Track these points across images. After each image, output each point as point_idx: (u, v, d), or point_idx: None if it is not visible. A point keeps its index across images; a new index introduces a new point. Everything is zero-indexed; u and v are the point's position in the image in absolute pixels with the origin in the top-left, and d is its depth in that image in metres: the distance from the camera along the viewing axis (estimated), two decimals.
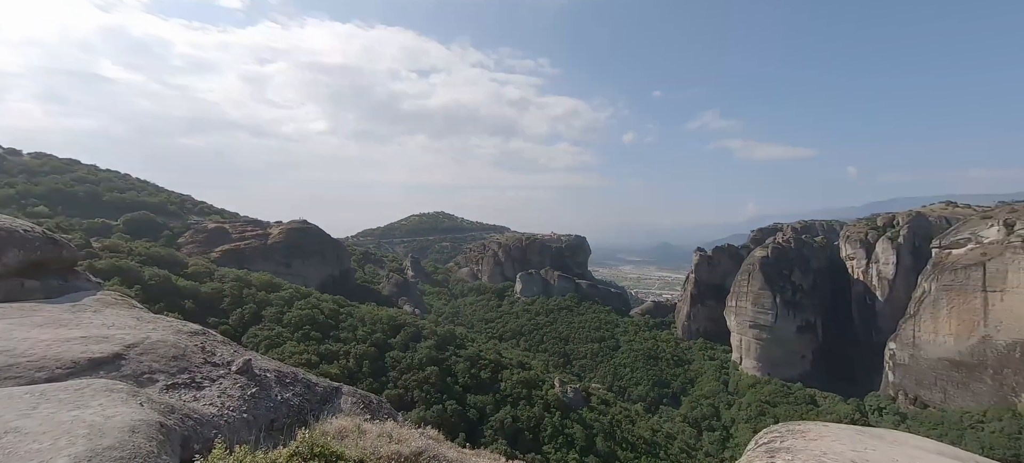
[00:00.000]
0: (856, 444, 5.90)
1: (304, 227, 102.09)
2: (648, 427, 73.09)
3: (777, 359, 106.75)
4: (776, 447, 6.07)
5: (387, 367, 54.52)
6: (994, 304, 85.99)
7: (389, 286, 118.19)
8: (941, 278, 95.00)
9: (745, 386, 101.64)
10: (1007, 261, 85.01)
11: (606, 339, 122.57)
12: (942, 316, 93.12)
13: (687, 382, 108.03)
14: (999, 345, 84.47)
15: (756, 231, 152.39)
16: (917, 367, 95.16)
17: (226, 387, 6.93)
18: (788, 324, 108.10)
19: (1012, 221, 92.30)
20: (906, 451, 5.93)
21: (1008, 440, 74.75)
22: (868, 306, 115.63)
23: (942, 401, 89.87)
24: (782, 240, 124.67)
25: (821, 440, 6.08)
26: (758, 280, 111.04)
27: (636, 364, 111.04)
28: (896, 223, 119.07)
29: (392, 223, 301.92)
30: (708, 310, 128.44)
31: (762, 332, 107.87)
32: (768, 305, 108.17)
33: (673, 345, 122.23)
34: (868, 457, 5.52)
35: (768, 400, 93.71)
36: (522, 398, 58.06)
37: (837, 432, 6.54)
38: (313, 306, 60.72)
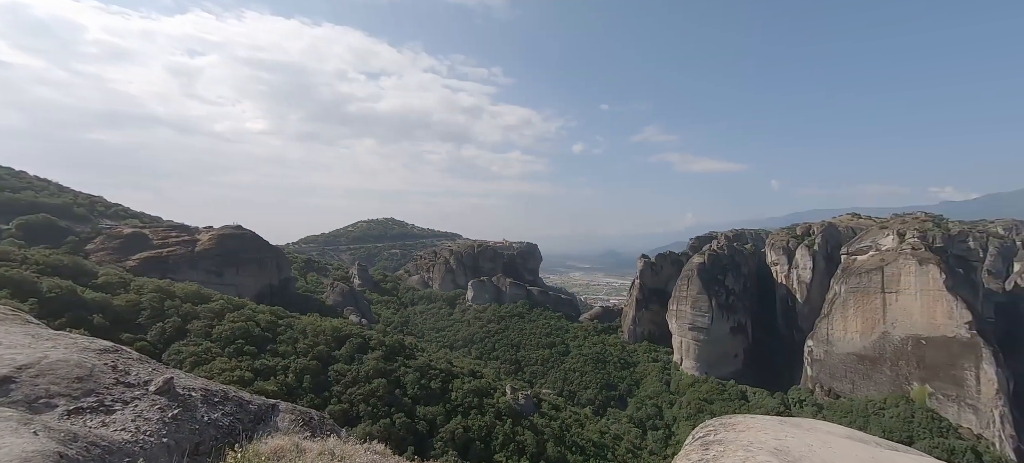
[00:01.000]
0: (778, 433, 6.49)
1: (238, 233, 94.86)
2: (597, 429, 75.04)
3: (713, 359, 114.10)
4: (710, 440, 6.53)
5: (331, 381, 51.72)
6: (891, 303, 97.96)
7: (334, 295, 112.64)
8: (848, 281, 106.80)
9: (685, 385, 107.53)
10: (900, 266, 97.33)
11: (557, 345, 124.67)
12: (850, 315, 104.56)
13: (633, 384, 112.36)
14: (895, 339, 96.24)
15: (694, 239, 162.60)
16: (830, 362, 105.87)
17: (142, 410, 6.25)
18: (722, 325, 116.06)
19: (903, 231, 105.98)
20: (819, 436, 6.62)
21: (903, 423, 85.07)
22: (790, 307, 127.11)
23: (851, 391, 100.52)
24: (717, 247, 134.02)
25: (749, 431, 6.63)
26: (696, 285, 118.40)
27: (585, 368, 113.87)
28: (812, 232, 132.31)
29: (338, 230, 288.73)
30: (652, 314, 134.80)
31: (700, 334, 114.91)
32: (705, 308, 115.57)
33: (620, 349, 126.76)
34: (788, 444, 6.10)
35: (705, 398, 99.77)
36: (473, 407, 57.43)
37: (762, 423, 7.15)
38: (248, 318, 56.37)
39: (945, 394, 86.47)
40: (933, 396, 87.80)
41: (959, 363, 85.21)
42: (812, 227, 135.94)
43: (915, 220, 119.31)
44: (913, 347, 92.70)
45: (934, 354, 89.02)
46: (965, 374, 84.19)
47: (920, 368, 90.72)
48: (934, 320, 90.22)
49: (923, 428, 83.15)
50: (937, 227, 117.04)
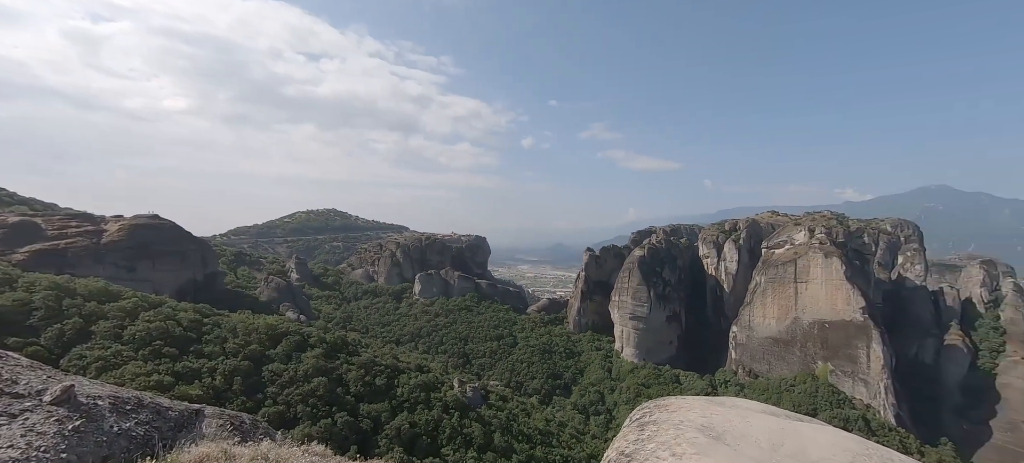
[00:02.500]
0: (705, 411, 7.11)
1: (154, 223, 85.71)
2: (543, 418, 77.07)
3: (651, 346, 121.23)
4: (645, 421, 6.99)
5: (265, 382, 48.51)
6: (801, 292, 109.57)
7: (268, 291, 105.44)
8: (767, 272, 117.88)
9: (625, 372, 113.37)
10: (809, 258, 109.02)
11: (504, 337, 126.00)
12: (768, 303, 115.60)
13: (577, 372, 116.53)
14: (804, 324, 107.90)
15: (635, 233, 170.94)
16: (751, 345, 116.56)
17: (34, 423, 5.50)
18: (659, 315, 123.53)
19: (813, 227, 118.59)
20: (739, 412, 7.34)
21: (809, 398, 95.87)
22: (718, 297, 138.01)
23: (768, 371, 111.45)
24: (655, 241, 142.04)
25: (679, 411, 7.19)
26: (636, 277, 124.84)
27: (532, 359, 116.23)
28: (738, 228, 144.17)
29: (273, 220, 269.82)
30: (596, 305, 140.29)
31: (639, 323, 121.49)
32: (644, 298, 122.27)
33: (565, 339, 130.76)
34: (712, 420, 6.70)
35: (643, 383, 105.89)
36: (420, 402, 56.61)
37: (691, 403, 7.78)
38: (167, 317, 51.22)
39: (843, 370, 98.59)
40: (833, 373, 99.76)
41: (854, 343, 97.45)
42: (738, 223, 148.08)
43: (822, 218, 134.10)
44: (818, 330, 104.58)
45: (835, 336, 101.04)
46: (858, 353, 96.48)
47: (824, 348, 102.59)
48: (836, 306, 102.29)
49: (825, 401, 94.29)
50: (840, 224, 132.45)
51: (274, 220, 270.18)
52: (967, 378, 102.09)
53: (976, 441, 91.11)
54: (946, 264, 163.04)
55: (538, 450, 60.40)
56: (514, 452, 56.34)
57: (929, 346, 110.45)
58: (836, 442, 6.40)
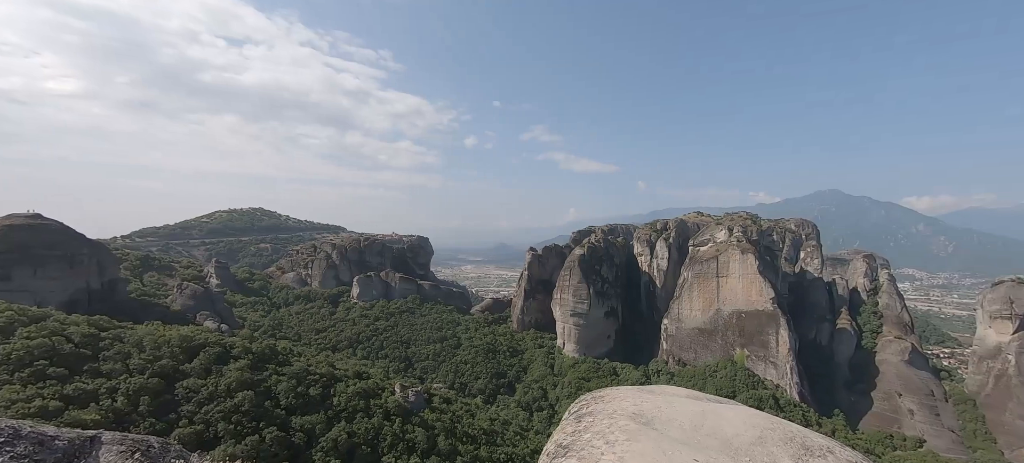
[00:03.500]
0: (636, 399, 7.60)
1: (34, 223, 73.94)
2: (487, 418, 77.20)
3: (590, 341, 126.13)
4: (582, 413, 7.32)
5: (180, 400, 43.73)
6: (722, 286, 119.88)
7: (182, 299, 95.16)
8: (693, 268, 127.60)
9: (567, 367, 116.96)
10: (729, 255, 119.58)
11: (448, 338, 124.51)
12: (695, 296, 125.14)
13: (521, 370, 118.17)
14: (725, 315, 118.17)
15: (575, 233, 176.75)
16: (680, 336, 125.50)
17: None
18: (598, 310, 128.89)
19: (732, 227, 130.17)
20: (666, 398, 7.94)
21: (729, 381, 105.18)
22: (651, 292, 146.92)
23: (694, 359, 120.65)
24: (594, 241, 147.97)
25: (613, 401, 7.63)
26: (577, 275, 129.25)
27: (476, 359, 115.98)
28: (668, 227, 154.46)
29: (189, 220, 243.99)
30: (538, 303, 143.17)
31: (580, 319, 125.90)
32: (584, 295, 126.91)
33: (509, 338, 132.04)
34: (643, 407, 7.20)
35: (584, 377, 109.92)
36: (359, 410, 54.19)
37: (624, 393, 8.28)
38: (54, 332, 44.39)
39: (757, 355, 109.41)
40: (749, 357, 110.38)
41: (766, 330, 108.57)
42: (668, 223, 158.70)
43: (740, 218, 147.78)
44: (736, 320, 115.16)
45: (750, 324, 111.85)
46: (769, 338, 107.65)
47: (741, 336, 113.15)
48: (751, 298, 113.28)
49: (742, 384, 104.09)
50: (754, 224, 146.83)
51: (189, 220, 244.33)
52: (854, 356, 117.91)
53: (861, 410, 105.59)
54: (837, 258, 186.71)
55: (483, 450, 60.39)
56: (458, 454, 55.87)
57: (824, 330, 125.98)
58: (747, 419, 7.16)
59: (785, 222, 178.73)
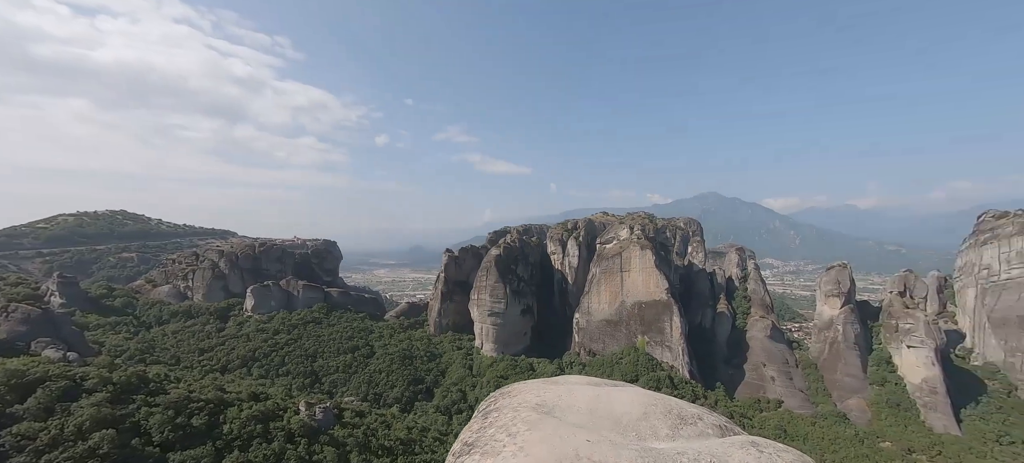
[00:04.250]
0: (539, 391, 8.07)
1: None
2: (404, 427, 74.55)
3: (508, 339, 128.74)
4: (489, 409, 7.57)
5: (7, 452, 35.16)
6: (625, 280, 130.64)
7: (10, 325, 76.44)
8: (600, 265, 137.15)
9: (485, 366, 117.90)
10: (631, 252, 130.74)
11: (360, 348, 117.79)
12: (603, 291, 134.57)
13: (439, 374, 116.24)
14: (628, 306, 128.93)
15: (491, 233, 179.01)
16: (590, 328, 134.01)
17: None
18: (515, 309, 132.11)
19: (633, 225, 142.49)
20: (567, 387, 8.56)
21: (633, 367, 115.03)
22: (564, 288, 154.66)
23: (603, 349, 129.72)
24: (510, 240, 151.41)
25: (519, 395, 8.01)
26: (494, 275, 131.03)
27: (392, 367, 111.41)
28: (578, 227, 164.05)
29: (18, 227, 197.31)
30: (456, 305, 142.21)
31: (497, 318, 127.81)
32: (501, 295, 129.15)
33: (426, 342, 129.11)
34: (545, 397, 7.68)
35: (502, 375, 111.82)
36: (256, 436, 48.71)
37: (529, 386, 8.73)
38: None
39: (655, 341, 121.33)
40: (649, 343, 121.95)
41: (662, 318, 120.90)
42: (578, 222, 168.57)
43: (639, 218, 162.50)
44: (638, 310, 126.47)
45: (649, 313, 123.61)
46: (665, 325, 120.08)
47: (642, 325, 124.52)
48: (649, 289, 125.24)
49: (644, 368, 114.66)
50: (651, 222, 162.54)
51: (20, 226, 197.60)
52: (730, 335, 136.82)
53: (737, 381, 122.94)
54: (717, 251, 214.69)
55: (400, 461, 58.29)
56: None
57: (708, 314, 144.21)
58: (634, 398, 8.05)
59: (676, 221, 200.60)
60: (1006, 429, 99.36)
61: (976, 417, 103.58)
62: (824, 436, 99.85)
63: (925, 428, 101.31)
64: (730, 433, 7.25)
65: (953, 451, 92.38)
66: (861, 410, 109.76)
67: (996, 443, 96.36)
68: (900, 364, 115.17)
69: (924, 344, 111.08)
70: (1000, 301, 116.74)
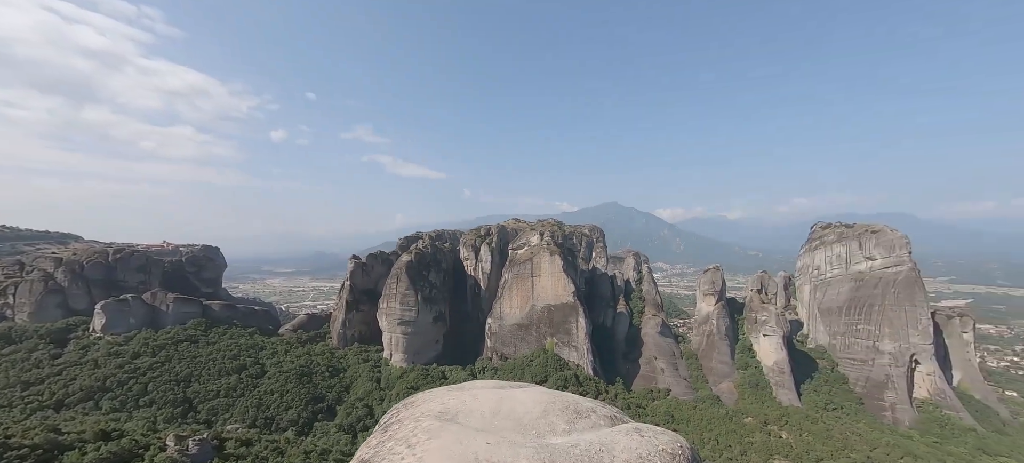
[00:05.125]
0: (443, 399, 7.99)
1: None
2: (300, 452, 67.84)
3: (419, 348, 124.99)
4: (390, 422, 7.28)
5: None
6: (536, 285, 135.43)
7: None
8: (512, 270, 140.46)
9: (395, 378, 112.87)
10: (541, 258, 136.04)
11: (248, 367, 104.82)
12: (514, 295, 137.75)
13: (343, 390, 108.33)
14: (538, 309, 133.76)
15: (403, 239, 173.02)
16: (502, 332, 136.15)
17: None
18: (427, 316, 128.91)
19: (543, 232, 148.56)
20: (471, 392, 8.61)
21: (543, 368, 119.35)
22: (477, 294, 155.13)
23: (515, 352, 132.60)
24: (422, 246, 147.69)
25: (422, 404, 7.83)
26: (404, 282, 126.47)
27: (287, 386, 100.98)
28: (491, 233, 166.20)
29: None
30: (363, 315, 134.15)
31: (408, 326, 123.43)
32: (412, 302, 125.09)
33: (328, 356, 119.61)
34: (448, 404, 7.61)
35: (413, 385, 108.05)
36: None
37: (433, 395, 8.59)
38: None
39: (562, 341, 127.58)
40: (557, 345, 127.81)
41: (569, 319, 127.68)
42: (491, 228, 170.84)
43: (549, 224, 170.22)
44: (548, 313, 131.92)
45: (557, 316, 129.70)
46: (571, 326, 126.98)
47: (551, 327, 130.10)
48: (558, 293, 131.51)
49: (552, 368, 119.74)
50: (560, 229, 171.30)
51: None
52: (628, 333, 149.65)
53: (633, 374, 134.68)
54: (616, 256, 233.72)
55: None
56: None
57: (609, 314, 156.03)
58: (535, 398, 8.40)
59: (581, 228, 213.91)
60: (831, 398, 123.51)
61: (811, 390, 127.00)
62: (702, 417, 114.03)
63: (776, 403, 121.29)
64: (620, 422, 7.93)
65: (796, 420, 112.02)
66: (730, 392, 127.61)
67: (825, 410, 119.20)
68: (758, 350, 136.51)
69: (775, 333, 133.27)
70: (826, 295, 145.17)
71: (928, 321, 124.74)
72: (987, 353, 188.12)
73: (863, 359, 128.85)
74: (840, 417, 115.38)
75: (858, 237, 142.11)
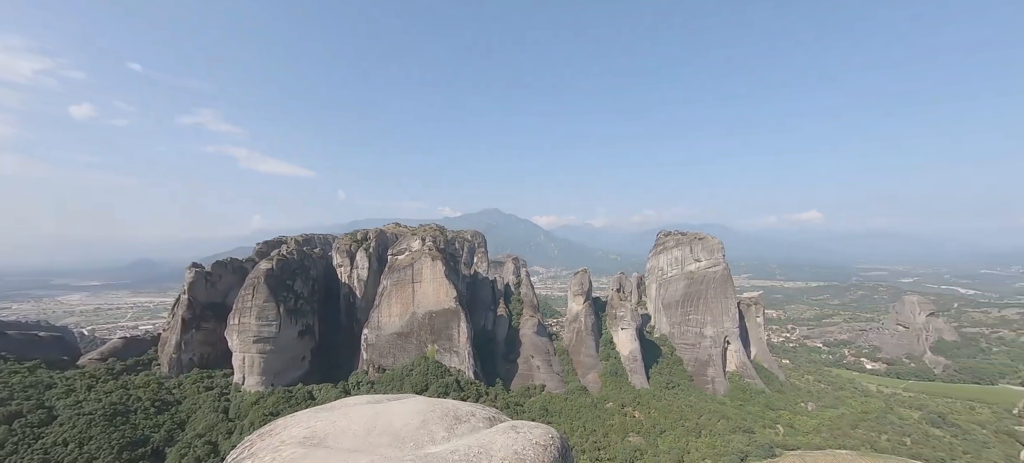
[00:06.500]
0: (308, 422, 7.18)
1: None
2: None
3: (280, 368, 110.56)
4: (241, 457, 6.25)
5: None
6: (417, 291, 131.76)
7: None
8: (392, 276, 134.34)
9: (248, 406, 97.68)
10: (422, 263, 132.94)
11: (28, 413, 79.45)
12: (393, 303, 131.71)
13: (175, 427, 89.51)
14: (419, 316, 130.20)
15: (262, 244, 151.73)
16: (380, 343, 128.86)
17: None
18: (291, 331, 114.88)
19: (425, 236, 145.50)
20: (342, 411, 7.93)
21: (423, 377, 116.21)
22: (351, 303, 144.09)
23: (393, 363, 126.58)
24: (287, 252, 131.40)
25: (283, 431, 6.91)
26: (263, 292, 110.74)
27: (89, 431, 79.32)
28: (368, 237, 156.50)
29: None
30: (206, 334, 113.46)
31: (267, 344, 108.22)
32: (272, 316, 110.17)
33: (155, 388, 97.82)
34: (315, 428, 6.88)
35: (272, 411, 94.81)
36: None
37: (297, 419, 7.67)
38: None
39: (444, 348, 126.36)
40: (438, 351, 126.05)
41: (451, 325, 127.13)
42: (368, 233, 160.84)
43: (431, 229, 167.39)
44: (429, 320, 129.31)
45: (439, 322, 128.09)
46: (453, 331, 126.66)
47: (432, 334, 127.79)
48: (439, 299, 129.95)
49: (433, 375, 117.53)
50: (442, 234, 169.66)
51: None
52: (508, 334, 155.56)
53: (513, 374, 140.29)
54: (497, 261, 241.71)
55: None
56: None
57: (490, 317, 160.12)
58: (414, 409, 8.15)
59: (464, 233, 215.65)
60: (671, 378, 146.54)
61: (656, 373, 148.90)
62: (572, 407, 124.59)
63: (631, 387, 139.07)
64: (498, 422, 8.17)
65: (645, 400, 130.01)
66: (595, 382, 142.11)
67: (667, 388, 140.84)
68: (617, 342, 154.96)
69: (630, 326, 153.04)
70: (668, 291, 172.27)
71: (736, 310, 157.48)
72: (771, 332, 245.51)
73: (693, 343, 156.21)
74: (677, 393, 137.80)
75: (690, 243, 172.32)
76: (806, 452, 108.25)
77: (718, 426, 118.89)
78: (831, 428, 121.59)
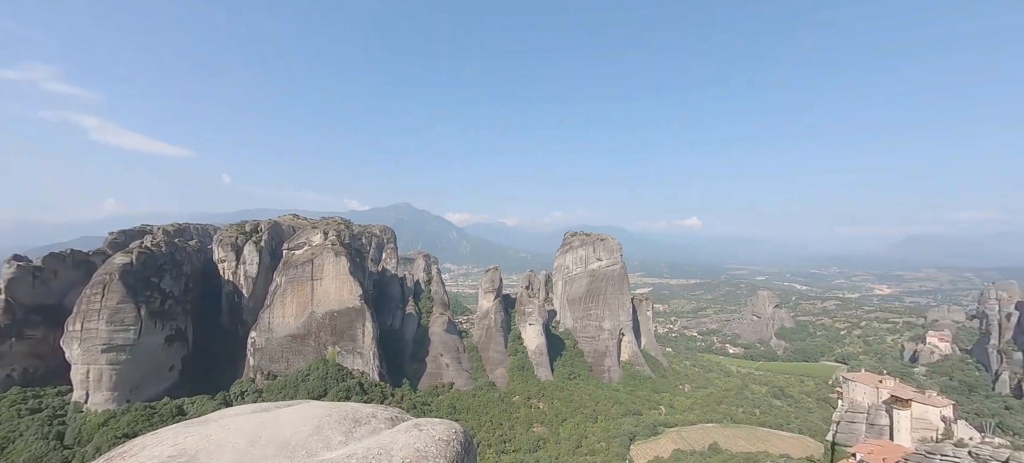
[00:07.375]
0: (176, 438, 6.28)
1: None
2: None
3: (139, 381, 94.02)
4: None
5: None
6: (316, 289, 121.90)
7: None
8: (288, 273, 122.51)
9: (93, 428, 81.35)
10: (324, 258, 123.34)
11: None
12: (288, 302, 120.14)
13: None
14: (318, 316, 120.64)
15: (118, 233, 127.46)
16: (270, 348, 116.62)
17: None
18: (155, 337, 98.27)
19: (327, 230, 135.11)
20: (219, 424, 7.08)
21: (321, 382, 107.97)
22: (236, 303, 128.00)
23: (286, 368, 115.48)
24: (152, 244, 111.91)
25: (143, 451, 5.92)
26: (117, 292, 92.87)
27: None
28: (260, 229, 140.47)
29: None
30: (31, 344, 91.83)
31: (121, 353, 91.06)
32: (130, 320, 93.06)
33: None
34: (185, 444, 6.05)
35: (125, 433, 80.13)
36: None
37: (161, 436, 6.65)
38: None
39: (346, 349, 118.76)
40: (340, 353, 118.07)
41: (355, 325, 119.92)
42: (260, 224, 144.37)
43: (335, 223, 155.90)
44: (329, 320, 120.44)
45: (341, 322, 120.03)
46: (357, 332, 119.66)
47: (333, 334, 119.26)
48: (343, 297, 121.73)
49: (333, 379, 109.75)
50: (347, 228, 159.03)
51: None
52: (416, 333, 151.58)
53: (421, 373, 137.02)
54: (408, 258, 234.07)
55: None
56: None
57: (398, 316, 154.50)
58: (307, 414, 7.60)
59: (372, 228, 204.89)
60: (573, 369, 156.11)
61: (560, 365, 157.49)
62: (480, 403, 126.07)
63: (537, 380, 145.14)
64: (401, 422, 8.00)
65: (549, 391, 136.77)
66: (503, 376, 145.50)
67: (569, 379, 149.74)
68: (525, 337, 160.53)
69: (537, 321, 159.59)
70: (572, 288, 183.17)
71: (630, 305, 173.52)
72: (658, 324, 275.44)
73: (593, 336, 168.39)
74: (578, 383, 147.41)
75: (593, 243, 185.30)
76: (682, 428, 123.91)
77: (612, 410, 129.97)
78: (702, 405, 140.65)
